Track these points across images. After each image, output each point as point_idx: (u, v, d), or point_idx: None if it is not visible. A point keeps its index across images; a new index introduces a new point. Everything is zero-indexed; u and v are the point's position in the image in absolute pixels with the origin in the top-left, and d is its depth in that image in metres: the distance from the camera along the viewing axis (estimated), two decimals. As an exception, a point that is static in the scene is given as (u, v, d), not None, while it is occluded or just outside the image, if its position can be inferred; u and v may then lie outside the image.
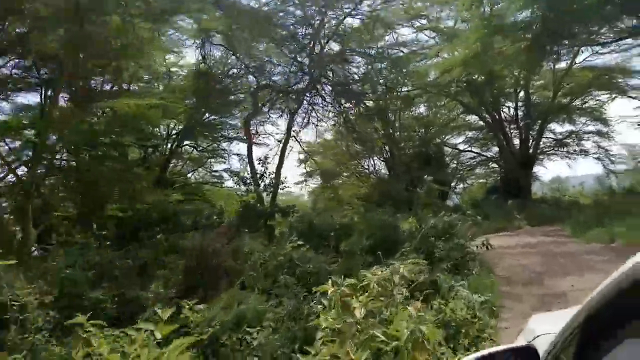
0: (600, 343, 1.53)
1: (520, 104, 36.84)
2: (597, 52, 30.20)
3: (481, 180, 46.31)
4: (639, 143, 41.05)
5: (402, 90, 37.53)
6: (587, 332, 1.61)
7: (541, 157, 38.29)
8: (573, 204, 32.21)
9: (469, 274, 13.23)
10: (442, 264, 13.20)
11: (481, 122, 38.66)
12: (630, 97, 32.53)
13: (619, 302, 1.32)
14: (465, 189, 47.42)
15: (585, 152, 37.62)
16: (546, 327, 2.51)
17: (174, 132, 33.13)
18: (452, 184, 43.88)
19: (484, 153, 40.99)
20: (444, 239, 15.49)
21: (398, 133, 40.95)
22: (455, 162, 43.91)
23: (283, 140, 31.99)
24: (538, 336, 2.58)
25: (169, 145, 32.66)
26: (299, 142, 37.27)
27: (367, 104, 37.16)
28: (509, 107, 37.46)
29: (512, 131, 36.86)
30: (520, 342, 2.83)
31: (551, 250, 16.50)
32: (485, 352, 2.14)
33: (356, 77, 35.22)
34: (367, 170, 47.65)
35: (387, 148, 40.95)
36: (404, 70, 34.43)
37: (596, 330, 1.54)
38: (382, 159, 43.06)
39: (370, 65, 34.79)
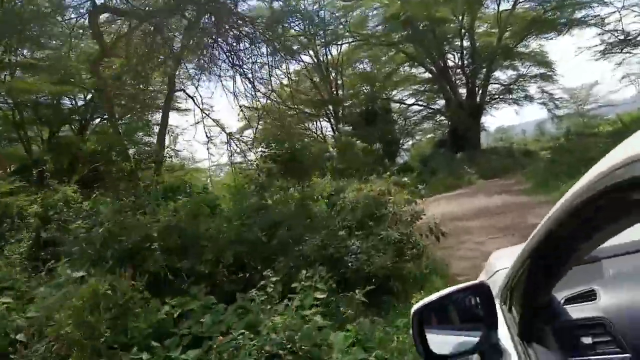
0: (553, 267, 1.59)
1: (465, 52, 33.97)
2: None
3: (429, 135, 43.86)
4: (581, 85, 38.89)
5: (340, 42, 34.29)
6: (541, 258, 1.61)
7: (488, 106, 35.76)
8: (525, 153, 29.89)
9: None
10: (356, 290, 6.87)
11: (427, 75, 35.99)
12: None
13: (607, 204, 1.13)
14: (414, 145, 44.90)
15: (530, 98, 35.47)
16: (504, 262, 2.38)
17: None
18: (400, 141, 41.25)
19: (431, 106, 38.12)
20: (366, 230, 9.30)
21: (341, 91, 37.70)
22: (402, 118, 41.04)
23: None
24: (497, 271, 2.54)
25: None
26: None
27: (305, 60, 33.88)
28: (454, 55, 34.52)
29: (458, 80, 34.14)
30: (482, 279, 2.65)
31: (521, 220, 12.26)
32: (440, 293, 2.00)
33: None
34: (315, 134, 44.79)
35: (330, 108, 37.73)
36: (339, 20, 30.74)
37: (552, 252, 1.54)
38: (327, 120, 39.95)
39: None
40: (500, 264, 2.54)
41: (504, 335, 1.93)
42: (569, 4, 27.85)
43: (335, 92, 37.22)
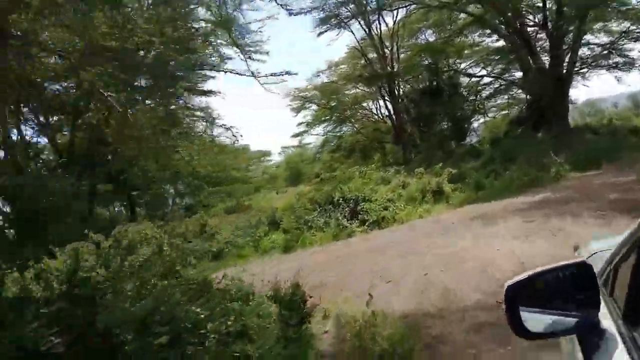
0: None
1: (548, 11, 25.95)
2: None
3: (503, 112, 36.13)
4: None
5: (396, 8, 27.57)
6: None
7: (577, 75, 27.41)
8: (632, 131, 21.97)
9: None
10: None
11: (500, 43, 28.43)
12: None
13: None
14: (486, 123, 37.37)
15: (630, 64, 26.62)
16: (603, 245, 2.35)
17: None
18: (470, 119, 34.04)
19: (506, 77, 30.32)
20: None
21: (397, 65, 31.01)
22: (472, 93, 33.60)
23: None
24: (594, 253, 2.42)
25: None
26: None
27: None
28: (534, 15, 26.49)
29: (539, 45, 26.31)
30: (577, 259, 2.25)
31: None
32: (537, 270, 1.83)
33: None
34: (374, 114, 38.55)
35: (386, 86, 31.27)
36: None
37: None
38: (381, 98, 33.55)
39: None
40: (598, 246, 2.45)
41: (605, 318, 1.76)
42: None
43: (391, 67, 30.69)
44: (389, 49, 31.25)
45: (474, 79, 32.96)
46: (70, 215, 13.91)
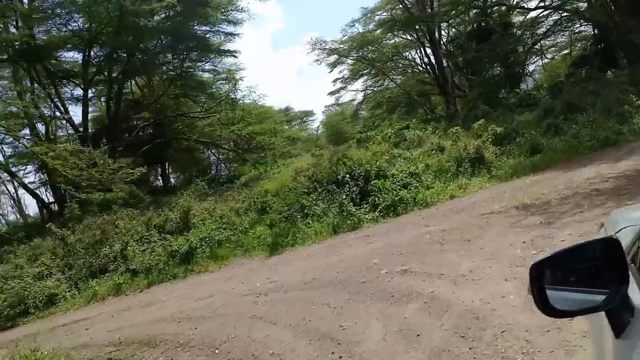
0: None
1: None
2: None
3: (564, 52, 29.43)
4: None
5: None
6: None
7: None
8: None
9: None
10: None
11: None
12: None
13: None
14: (544, 66, 30.84)
15: None
16: (630, 220, 2.14)
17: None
18: (525, 63, 27.79)
19: (568, 8, 23.67)
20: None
21: (437, 5, 25.06)
22: (526, 32, 27.17)
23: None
24: (621, 229, 2.17)
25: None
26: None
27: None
28: None
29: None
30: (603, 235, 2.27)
31: None
32: (562, 248, 1.72)
33: None
34: (417, 65, 32.81)
35: (425, 31, 25.53)
36: None
37: None
38: (420, 45, 27.84)
39: None
40: (625, 221, 2.21)
41: (634, 294, 1.60)
42: None
43: (430, 8, 24.90)
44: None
45: (528, 16, 26.55)
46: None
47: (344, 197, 10.99)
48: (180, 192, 18.47)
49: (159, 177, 29.08)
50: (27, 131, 23.58)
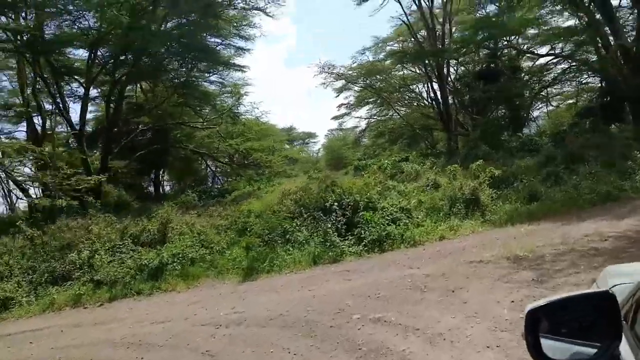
0: None
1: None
2: None
3: (570, 101, 29.06)
4: None
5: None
6: None
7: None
8: None
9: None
10: None
11: (569, 22, 21.68)
12: None
13: None
14: (548, 114, 30.44)
15: None
16: (622, 279, 2.09)
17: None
18: (530, 108, 27.39)
19: (577, 58, 23.31)
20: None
21: (448, 41, 24.73)
22: (533, 78, 26.84)
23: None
24: (613, 286, 2.06)
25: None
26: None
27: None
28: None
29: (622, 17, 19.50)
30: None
31: None
32: (559, 296, 1.66)
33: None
34: (423, 99, 32.44)
35: (434, 65, 25.16)
36: None
37: None
38: (428, 80, 27.42)
39: None
40: (618, 279, 2.16)
41: (625, 351, 1.59)
42: None
43: (442, 44, 24.58)
44: (441, 23, 25.13)
45: (537, 62, 26.29)
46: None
47: (329, 226, 10.28)
48: (169, 201, 17.77)
49: (152, 183, 28.39)
50: (24, 124, 23.15)
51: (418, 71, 29.70)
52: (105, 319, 8.11)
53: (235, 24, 24.56)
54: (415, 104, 33.15)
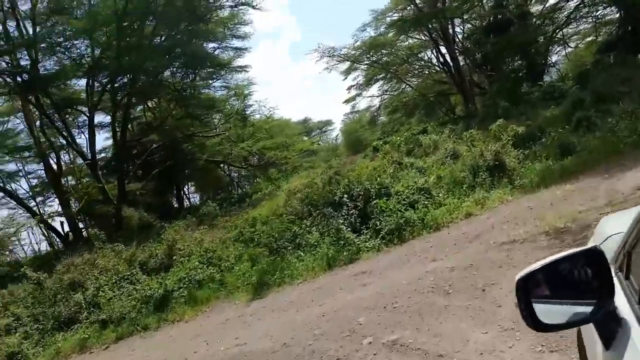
0: None
1: None
2: None
3: (589, 38, 26.63)
4: None
5: None
6: None
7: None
8: None
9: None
10: None
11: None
12: None
13: None
14: (567, 56, 28.06)
15: None
16: (617, 227, 2.01)
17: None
18: (547, 53, 25.20)
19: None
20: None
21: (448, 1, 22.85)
22: (546, 21, 24.62)
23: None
24: (608, 237, 2.08)
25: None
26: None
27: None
28: None
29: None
30: (591, 245, 2.03)
31: None
32: (546, 260, 1.56)
33: None
34: (434, 65, 30.54)
35: (438, 28, 23.38)
36: None
37: None
38: (433, 44, 25.60)
39: None
40: (613, 229, 2.10)
41: (622, 303, 1.53)
42: None
43: (441, 4, 22.76)
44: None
45: (548, 4, 24.07)
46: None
47: (341, 221, 9.11)
48: (192, 214, 16.94)
49: (174, 199, 27.78)
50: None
51: (423, 38, 27.90)
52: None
53: (227, 25, 23.51)
54: (426, 72, 31.32)
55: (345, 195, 9.55)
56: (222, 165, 27.46)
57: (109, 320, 8.94)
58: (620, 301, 1.52)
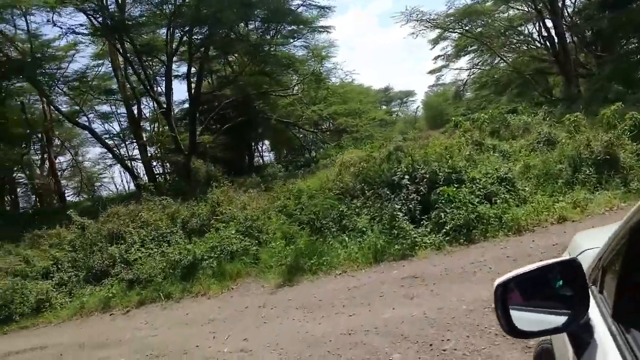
0: None
1: None
2: None
3: None
4: None
5: None
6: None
7: None
8: None
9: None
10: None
11: None
12: None
13: None
14: None
15: None
16: (592, 242, 2.00)
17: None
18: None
19: None
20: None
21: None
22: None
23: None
24: (584, 251, 2.06)
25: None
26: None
27: None
28: None
29: None
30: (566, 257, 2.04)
31: None
32: (526, 268, 1.51)
33: None
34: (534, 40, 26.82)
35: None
36: None
37: None
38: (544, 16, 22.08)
39: None
40: (588, 244, 2.08)
41: (595, 316, 1.51)
42: None
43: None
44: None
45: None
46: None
47: (398, 207, 7.42)
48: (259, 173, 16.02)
49: (246, 156, 27.19)
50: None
51: (526, 9, 24.31)
52: (114, 336, 6.31)
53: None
54: (524, 47, 27.62)
55: (407, 177, 7.75)
56: (288, 127, 26.35)
57: (136, 280, 8.11)
58: (594, 313, 1.50)
